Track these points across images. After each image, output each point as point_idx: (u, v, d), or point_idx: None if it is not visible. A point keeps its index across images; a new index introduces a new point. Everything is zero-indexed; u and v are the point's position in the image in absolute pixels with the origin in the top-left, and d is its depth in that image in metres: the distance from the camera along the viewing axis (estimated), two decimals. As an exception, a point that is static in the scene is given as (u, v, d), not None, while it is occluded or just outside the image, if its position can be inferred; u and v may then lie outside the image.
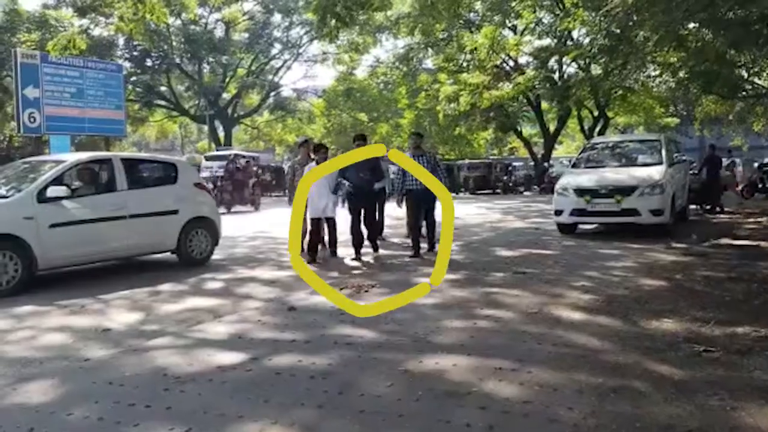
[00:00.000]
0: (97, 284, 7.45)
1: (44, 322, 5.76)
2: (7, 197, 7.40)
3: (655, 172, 10.94)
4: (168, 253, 8.81)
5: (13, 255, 6.98)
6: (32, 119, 20.55)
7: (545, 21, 25.95)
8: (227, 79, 37.70)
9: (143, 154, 11.97)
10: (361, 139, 9.48)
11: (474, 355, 4.38)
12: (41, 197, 7.33)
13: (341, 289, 6.75)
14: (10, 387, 3.99)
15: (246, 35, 36.98)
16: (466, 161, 34.26)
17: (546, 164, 30.77)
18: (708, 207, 16.02)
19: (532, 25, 26.76)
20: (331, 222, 8.86)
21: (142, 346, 4.87)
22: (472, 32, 25.81)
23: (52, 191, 7.40)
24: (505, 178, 31.11)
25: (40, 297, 6.72)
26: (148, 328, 5.43)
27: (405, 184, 9.12)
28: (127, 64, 31.98)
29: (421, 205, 9.11)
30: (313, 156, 9.27)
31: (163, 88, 36.50)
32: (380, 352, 4.55)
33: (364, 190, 8.98)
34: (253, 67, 37.93)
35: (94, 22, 24.56)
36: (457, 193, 29.70)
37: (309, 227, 9.13)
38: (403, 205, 9.26)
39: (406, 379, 3.97)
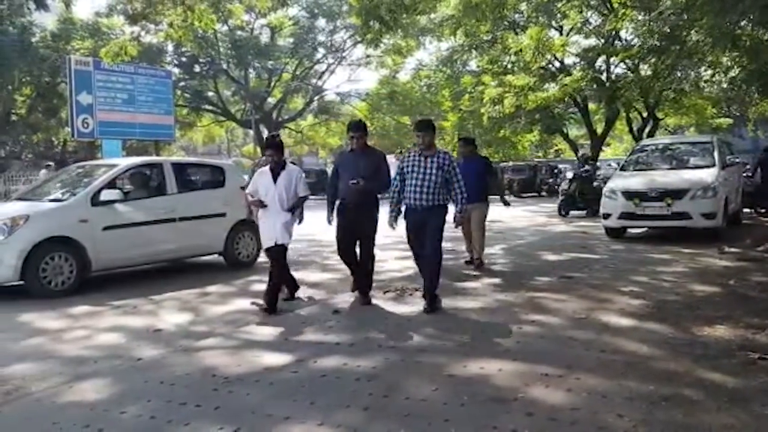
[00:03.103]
0: (147, 285, 7.64)
1: (98, 322, 5.93)
2: (62, 201, 7.67)
3: (707, 175, 10.66)
4: (215, 256, 8.97)
5: (69, 257, 7.22)
6: (86, 124, 21.17)
7: (592, 21, 25.53)
8: (272, 84, 38.15)
9: (192, 158, 12.22)
10: (355, 130, 6.41)
11: (520, 361, 4.34)
12: (95, 201, 7.56)
13: (385, 292, 6.76)
14: (66, 385, 4.13)
15: (291, 40, 37.33)
16: (511, 164, 33.90)
17: (587, 166, 30.21)
18: (762, 210, 15.51)
19: (578, 26, 26.35)
20: (281, 252, 6.29)
21: (191, 346, 4.97)
22: (517, 33, 25.54)
23: (106, 195, 7.63)
24: (550, 180, 30.69)
25: (93, 297, 6.92)
26: (197, 329, 5.55)
27: (401, 198, 6.16)
28: (176, 70, 32.67)
29: (420, 229, 6.02)
30: (265, 157, 6.85)
31: (210, 94, 37.13)
32: (425, 356, 4.55)
33: (357, 203, 6.20)
34: (297, 72, 38.28)
35: (145, 29, 25.08)
36: (501, 196, 29.45)
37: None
38: (397, 225, 6.30)
39: (451, 384, 3.95)
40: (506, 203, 9.37)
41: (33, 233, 7.04)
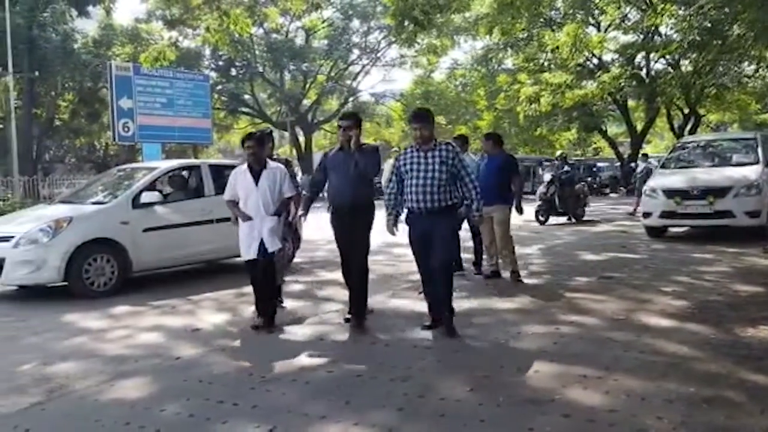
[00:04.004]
0: (185, 286, 7.76)
1: (139, 321, 6.05)
2: (104, 203, 7.85)
3: (751, 172, 10.38)
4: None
5: (110, 258, 7.38)
6: (126, 128, 21.64)
7: (631, 17, 25.11)
8: (307, 86, 38.44)
9: (230, 161, 12.37)
10: (347, 121, 5.56)
11: (557, 362, 4.28)
12: (135, 203, 7.71)
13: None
14: (108, 383, 4.22)
15: (325, 42, 37.58)
16: (547, 163, 33.55)
17: (633, 165, 29.76)
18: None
19: (616, 21, 25.94)
20: (267, 263, 5.58)
21: (229, 345, 5.04)
22: (553, 30, 25.26)
23: (146, 197, 7.78)
24: (589, 179, 30.32)
25: (134, 298, 7.06)
26: (235, 329, 5.62)
27: (401, 200, 5.29)
28: (213, 74, 33.18)
29: (428, 238, 5.09)
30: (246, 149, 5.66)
31: (246, 96, 37.59)
32: (460, 357, 4.54)
33: (351, 208, 5.41)
34: (332, 73, 38.51)
35: (182, 34, 25.50)
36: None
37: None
38: (399, 231, 5.40)
39: (487, 385, 3.92)
40: (519, 210, 7.65)
41: (76, 235, 7.21)
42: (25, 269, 7.06)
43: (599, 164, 35.07)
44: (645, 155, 19.74)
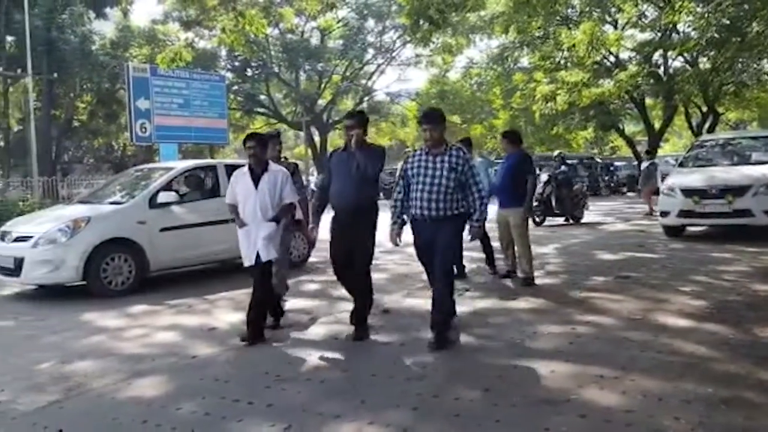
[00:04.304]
0: (201, 285, 7.80)
1: (155, 320, 6.10)
2: (122, 203, 7.91)
3: (771, 171, 10.24)
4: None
5: (128, 257, 7.44)
6: (143, 129, 21.80)
7: (648, 14, 24.89)
8: (323, 86, 38.53)
9: (245, 161, 12.39)
10: (351, 119, 5.33)
11: (573, 362, 4.25)
12: (152, 203, 7.77)
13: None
14: (125, 382, 4.25)
15: (340, 42, 37.64)
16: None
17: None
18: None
19: (634, 19, 25.73)
20: (263, 271, 5.30)
21: (244, 344, 5.05)
22: (569, 29, 25.10)
23: (163, 197, 7.84)
24: (606, 178, 30.11)
25: (151, 297, 7.11)
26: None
27: (405, 207, 5.01)
28: (229, 75, 33.35)
29: (431, 245, 4.85)
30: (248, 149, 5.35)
31: (262, 97, 37.76)
32: (475, 356, 4.52)
33: (353, 210, 5.07)
34: (347, 73, 38.55)
35: (199, 35, 25.73)
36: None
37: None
38: (402, 241, 5.05)
39: (502, 385, 3.91)
40: (528, 212, 7.41)
41: (94, 235, 7.28)
42: (44, 269, 7.15)
43: (616, 163, 34.82)
44: (648, 152, 19.57)
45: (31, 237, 7.30)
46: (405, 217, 5.01)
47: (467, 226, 4.94)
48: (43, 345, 5.33)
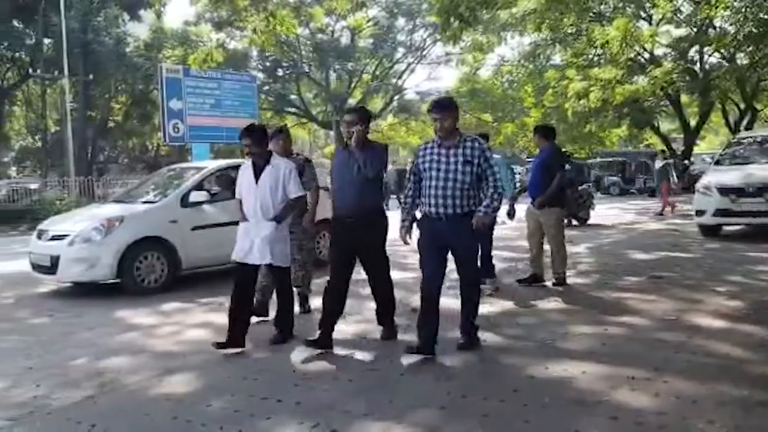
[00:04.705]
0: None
1: (187, 318, 6.17)
2: (155, 202, 8.03)
3: (811, 168, 9.97)
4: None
5: (160, 256, 7.54)
6: (176, 129, 22.10)
7: (684, 9, 24.44)
8: (353, 85, 38.62)
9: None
10: (351, 115, 4.85)
11: (605, 363, 4.19)
12: (184, 202, 7.86)
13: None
14: (157, 378, 4.31)
15: (371, 41, 37.68)
16: (598, 159, 32.99)
17: (686, 161, 28.99)
18: None
19: (669, 15, 25.28)
20: (277, 275, 5.07)
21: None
22: (603, 25, 24.77)
23: (194, 196, 7.92)
24: (640, 176, 29.68)
25: (183, 295, 7.20)
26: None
27: (415, 205, 4.65)
28: (260, 75, 33.64)
29: (442, 247, 4.50)
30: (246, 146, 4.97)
31: (293, 96, 38.00)
32: (504, 357, 4.48)
33: (356, 214, 4.71)
34: (377, 72, 38.58)
35: (230, 36, 26.08)
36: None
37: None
38: (413, 239, 4.64)
39: (532, 385, 3.87)
40: (540, 205, 6.85)
41: (127, 234, 7.40)
42: (79, 267, 7.28)
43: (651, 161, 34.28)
44: (663, 151, 19.23)
45: (67, 236, 7.45)
46: (416, 214, 4.63)
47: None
48: (78, 341, 5.43)
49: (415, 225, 4.63)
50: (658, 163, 16.91)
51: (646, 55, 27.06)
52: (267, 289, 5.66)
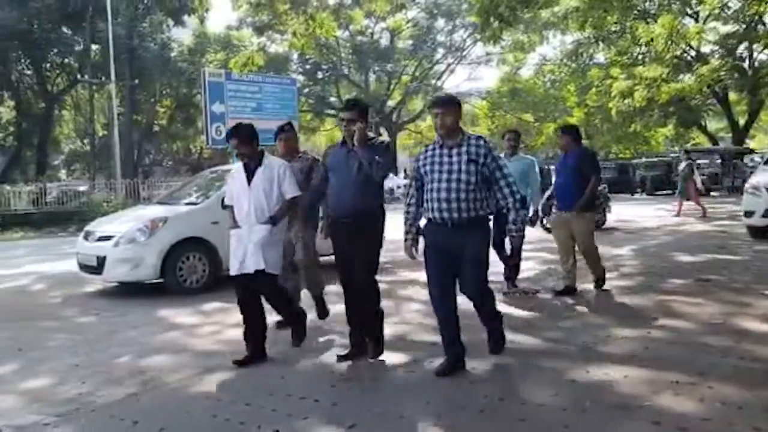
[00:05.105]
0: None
1: (227, 318, 6.23)
2: (197, 204, 8.16)
3: None
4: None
5: (202, 256, 7.66)
6: (218, 132, 22.37)
7: (732, 5, 23.81)
8: (392, 86, 38.71)
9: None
10: (350, 111, 4.52)
11: (647, 367, 4.10)
12: (225, 203, 7.95)
13: (504, 293, 6.62)
14: (197, 377, 4.38)
15: (410, 42, 37.71)
16: (643, 159, 32.36)
17: (735, 162, 28.20)
18: None
19: (716, 11, 24.67)
20: (265, 281, 4.61)
21: (311, 344, 5.10)
22: (647, 23, 24.29)
23: (234, 198, 8.01)
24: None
25: (223, 295, 7.25)
26: (317, 327, 5.69)
27: (419, 213, 4.32)
28: (300, 77, 33.96)
29: (449, 256, 4.12)
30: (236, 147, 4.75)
31: (332, 99, 38.27)
32: (544, 360, 4.41)
33: (353, 216, 4.43)
34: (416, 73, 38.59)
35: (271, 40, 26.45)
36: (632, 194, 28.18)
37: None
38: (419, 253, 4.31)
39: (572, 389, 3.80)
40: (580, 209, 6.38)
41: (170, 234, 7.54)
42: (124, 267, 7.45)
43: (699, 161, 33.47)
44: (687, 152, 18.69)
45: (113, 236, 7.63)
46: (420, 225, 4.30)
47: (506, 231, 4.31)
48: (122, 340, 5.55)
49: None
50: (682, 164, 16.47)
51: (693, 53, 26.44)
52: (295, 290, 5.61)
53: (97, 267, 7.60)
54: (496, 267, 6.47)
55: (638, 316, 5.51)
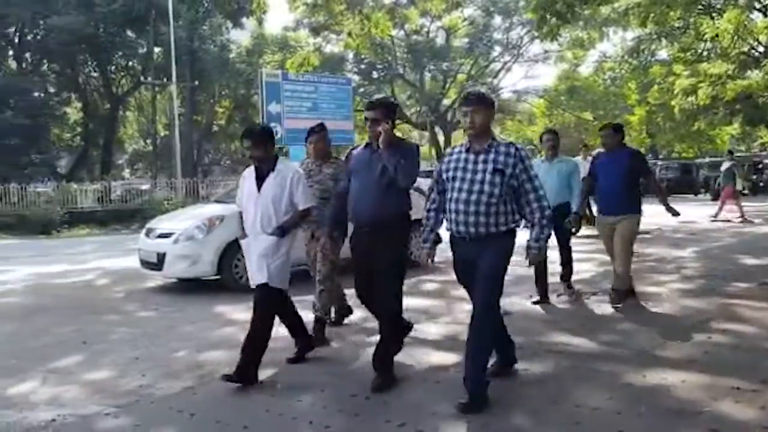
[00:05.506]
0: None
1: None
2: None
3: None
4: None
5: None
6: (275, 132, 22.82)
7: (804, -3, 22.79)
8: (447, 85, 38.51)
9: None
10: (372, 111, 4.14)
11: (707, 373, 3.97)
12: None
13: (558, 295, 6.51)
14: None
15: (466, 40, 37.45)
16: (707, 159, 31.32)
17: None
18: None
19: (787, 5, 23.64)
20: (266, 295, 4.37)
21: (363, 341, 5.14)
22: (712, 18, 23.50)
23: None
24: (753, 177, 27.89)
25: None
26: (370, 325, 5.69)
27: (438, 220, 4.01)
28: (355, 77, 34.16)
29: (471, 268, 3.75)
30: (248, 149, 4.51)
31: (388, 98, 38.38)
32: (599, 363, 4.33)
33: (374, 224, 4.10)
34: (472, 72, 38.28)
35: (326, 40, 26.68)
36: (696, 195, 27.35)
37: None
38: (433, 262, 4.33)
39: (628, 393, 3.72)
40: (673, 212, 6.11)
41: (227, 232, 7.67)
42: (183, 263, 7.65)
43: (766, 161, 32.14)
44: (730, 152, 17.88)
45: (172, 234, 7.84)
46: (439, 232, 4.03)
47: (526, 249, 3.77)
48: (180, 334, 5.70)
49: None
50: (725, 165, 15.82)
51: (761, 49, 25.43)
52: (333, 291, 5.50)
53: (157, 263, 7.83)
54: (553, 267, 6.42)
55: (699, 320, 5.35)
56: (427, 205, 4.02)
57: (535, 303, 6.27)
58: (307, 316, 5.07)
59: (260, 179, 4.33)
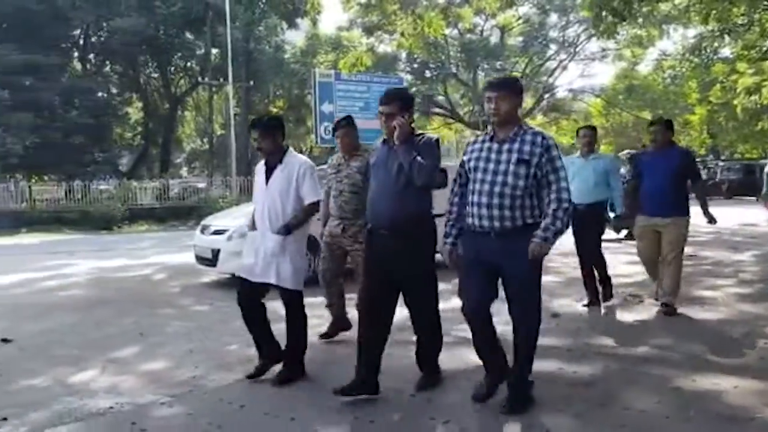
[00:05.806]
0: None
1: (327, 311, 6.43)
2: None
3: None
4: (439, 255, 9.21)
5: (308, 251, 7.89)
6: (327, 132, 23.01)
7: None
8: (501, 84, 38.15)
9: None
10: (387, 104, 3.87)
11: (761, 378, 3.87)
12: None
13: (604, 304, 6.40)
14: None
15: (521, 39, 37.03)
16: (769, 161, 30.23)
17: None
18: None
19: None
20: (285, 298, 4.43)
21: (407, 339, 5.15)
22: (778, 14, 22.62)
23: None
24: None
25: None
26: (410, 324, 5.75)
27: (463, 214, 3.67)
28: (407, 77, 34.19)
29: (489, 269, 3.55)
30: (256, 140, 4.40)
31: (440, 97, 38.26)
32: (648, 367, 4.26)
33: (394, 227, 3.77)
34: (527, 70, 37.80)
35: (379, 40, 26.79)
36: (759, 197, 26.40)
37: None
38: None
39: (677, 397, 3.66)
40: (711, 219, 5.81)
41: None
42: (236, 260, 7.79)
43: (836, 162, 30.81)
44: None
45: (226, 230, 8.04)
46: (462, 227, 3.66)
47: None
48: (232, 329, 5.83)
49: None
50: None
51: (832, 44, 24.34)
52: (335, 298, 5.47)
53: (211, 259, 8.03)
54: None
55: (755, 325, 5.20)
56: (451, 198, 3.73)
57: (585, 306, 6.17)
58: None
59: (269, 172, 4.19)
